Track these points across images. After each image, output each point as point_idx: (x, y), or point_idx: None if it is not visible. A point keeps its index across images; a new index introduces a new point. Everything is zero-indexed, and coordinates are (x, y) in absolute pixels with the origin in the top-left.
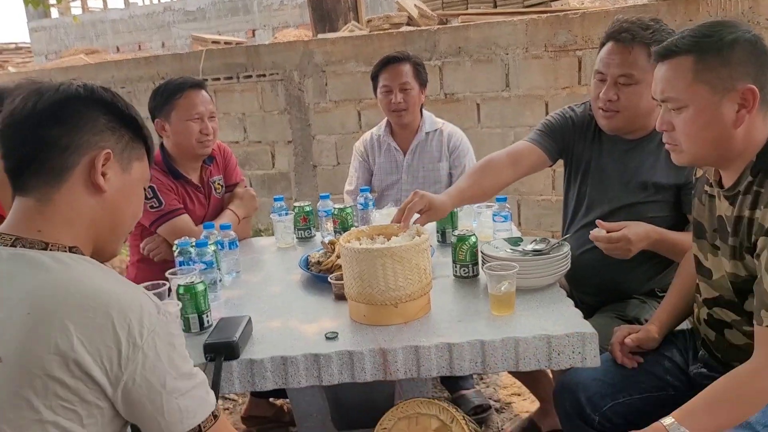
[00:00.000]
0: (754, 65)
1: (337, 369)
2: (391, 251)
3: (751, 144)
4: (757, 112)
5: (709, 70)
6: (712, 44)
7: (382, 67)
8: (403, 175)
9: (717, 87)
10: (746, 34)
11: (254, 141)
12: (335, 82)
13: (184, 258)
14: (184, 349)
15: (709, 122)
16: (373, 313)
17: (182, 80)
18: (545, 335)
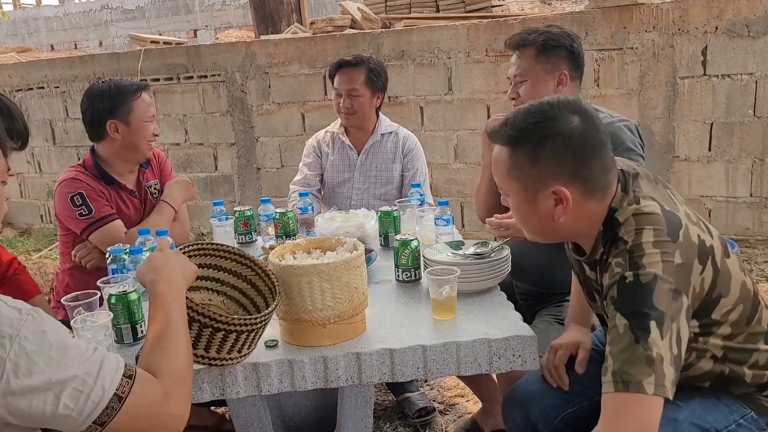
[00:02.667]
0: (569, 162)
1: (277, 378)
2: (317, 268)
3: (588, 224)
4: (582, 203)
5: (518, 168)
6: (524, 140)
7: (336, 69)
8: (356, 173)
9: (527, 185)
10: (566, 126)
11: (196, 143)
12: (278, 84)
13: (118, 266)
14: (63, 337)
15: (528, 214)
16: (300, 333)
17: (132, 82)
18: (486, 339)
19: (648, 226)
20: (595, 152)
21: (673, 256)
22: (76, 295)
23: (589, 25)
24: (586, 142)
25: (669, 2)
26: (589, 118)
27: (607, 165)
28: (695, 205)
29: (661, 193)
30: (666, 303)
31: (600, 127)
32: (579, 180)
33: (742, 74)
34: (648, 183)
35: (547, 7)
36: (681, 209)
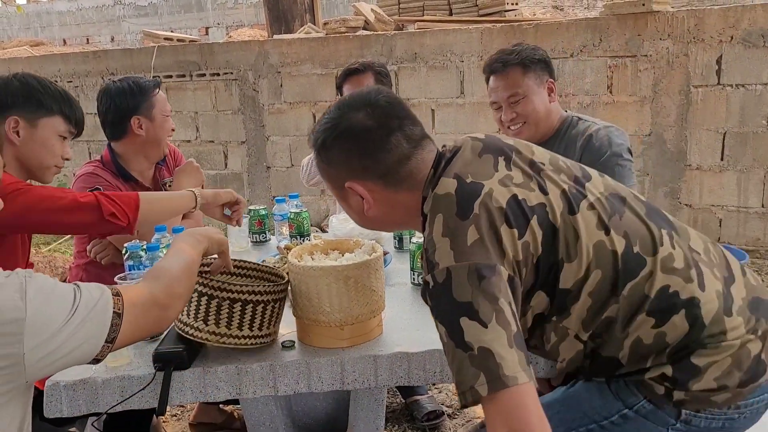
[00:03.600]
0: (356, 158)
1: (294, 379)
2: (337, 270)
3: (407, 214)
4: (392, 194)
5: (322, 170)
6: (319, 145)
7: (345, 78)
8: None
9: (333, 183)
10: (349, 124)
11: (207, 140)
12: (290, 84)
13: (134, 262)
14: (60, 289)
15: (347, 209)
16: (317, 334)
17: (149, 79)
18: None
19: (438, 213)
20: (382, 145)
21: (466, 235)
22: None
23: (604, 31)
24: (370, 137)
25: (684, 10)
26: (375, 109)
27: (402, 154)
28: (706, 214)
29: (479, 164)
30: (470, 289)
31: (388, 117)
32: (375, 174)
33: (756, 84)
34: (468, 156)
35: (559, 13)
36: (500, 174)
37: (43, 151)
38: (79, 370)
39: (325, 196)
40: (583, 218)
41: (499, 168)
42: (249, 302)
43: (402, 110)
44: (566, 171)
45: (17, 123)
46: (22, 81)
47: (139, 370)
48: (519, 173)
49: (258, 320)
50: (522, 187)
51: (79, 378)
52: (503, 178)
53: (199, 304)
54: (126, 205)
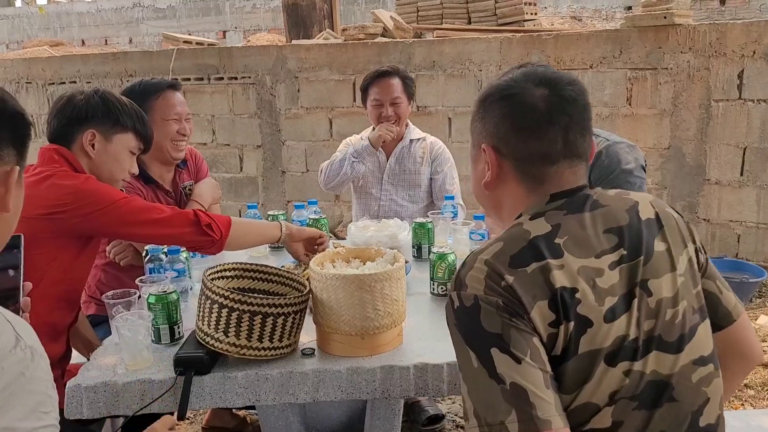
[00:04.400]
0: (506, 127)
1: (313, 387)
2: (359, 279)
3: (506, 212)
4: (513, 182)
5: (472, 123)
6: (482, 100)
7: (373, 80)
8: (385, 176)
9: (473, 139)
10: (523, 93)
11: (223, 144)
12: (308, 89)
13: (155, 265)
14: (39, 400)
15: (472, 173)
16: (338, 342)
17: (158, 80)
18: None
19: (502, 241)
20: (538, 131)
21: (504, 280)
22: (116, 293)
23: (624, 43)
24: (531, 116)
25: (707, 24)
26: (554, 96)
27: (550, 153)
28: (724, 230)
29: (590, 237)
30: (500, 320)
31: (562, 110)
32: (513, 152)
33: None
34: (589, 220)
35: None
36: (593, 263)
37: (114, 165)
38: (100, 372)
39: (339, 202)
40: (606, 377)
41: (603, 258)
42: (269, 315)
43: (581, 115)
44: (663, 326)
45: (94, 136)
46: (102, 97)
47: (160, 374)
48: (616, 278)
49: (278, 332)
50: (596, 292)
51: (101, 380)
52: (590, 267)
53: (220, 316)
54: (220, 222)
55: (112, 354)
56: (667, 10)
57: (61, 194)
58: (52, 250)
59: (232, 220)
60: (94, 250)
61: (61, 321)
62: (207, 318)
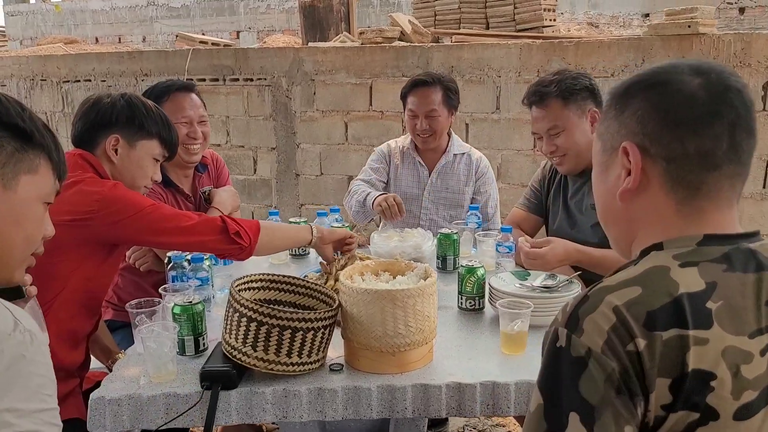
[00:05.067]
0: (655, 122)
1: (342, 404)
2: (392, 294)
3: (648, 224)
4: (659, 191)
5: (603, 122)
6: (620, 90)
7: (411, 89)
8: (426, 192)
9: (606, 143)
10: (675, 80)
11: (237, 145)
12: (324, 92)
13: (178, 273)
14: (40, 382)
15: (597, 184)
16: (368, 358)
17: (169, 82)
18: None
19: (640, 287)
20: (699, 124)
21: (621, 340)
22: (139, 302)
23: (647, 51)
24: (692, 106)
25: (731, 34)
26: (716, 85)
27: (714, 153)
28: None
29: (749, 308)
30: (604, 393)
31: (728, 102)
32: (664, 151)
33: None
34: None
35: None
36: (750, 340)
37: (137, 171)
38: (124, 384)
39: None
40: None
41: (757, 339)
42: (299, 329)
43: (748, 113)
44: None
45: (117, 141)
46: (128, 102)
47: (185, 387)
48: (764, 367)
49: (308, 347)
50: (735, 382)
51: (124, 393)
52: (738, 349)
53: (248, 330)
54: (248, 228)
55: (135, 365)
56: (692, 19)
57: (88, 201)
58: (76, 258)
59: (261, 226)
60: (119, 257)
61: (81, 328)
62: (235, 331)
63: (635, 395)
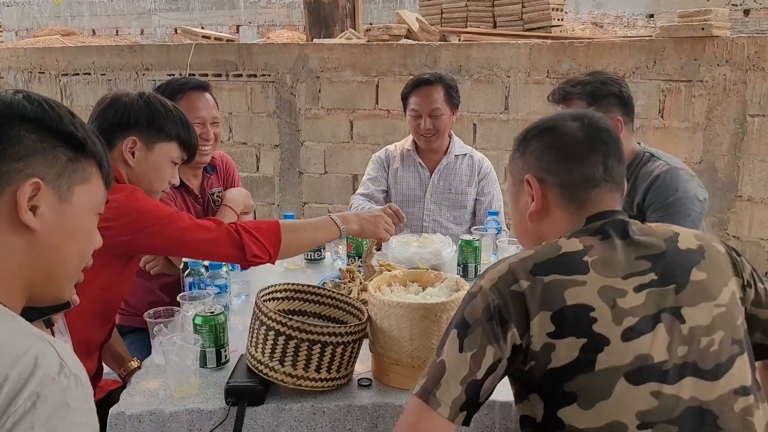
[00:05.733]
0: (549, 157)
1: (371, 422)
2: (426, 308)
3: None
4: (558, 210)
5: (512, 162)
6: (521, 139)
7: (413, 88)
8: (428, 194)
9: (514, 177)
10: (560, 125)
11: (239, 142)
12: (329, 89)
13: (194, 279)
14: (84, 428)
15: (514, 212)
16: (398, 373)
17: (185, 80)
18: None
19: (532, 259)
20: (580, 157)
21: (514, 285)
22: (157, 311)
23: (658, 53)
24: (573, 144)
25: (745, 37)
26: (591, 127)
27: (593, 177)
28: (754, 248)
29: (622, 260)
30: (479, 316)
31: (600, 139)
32: (558, 179)
33: None
34: (622, 245)
35: (598, 30)
36: (617, 283)
37: (155, 176)
38: (144, 399)
39: None
40: (629, 396)
41: (630, 279)
42: (329, 344)
43: (616, 145)
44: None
45: (134, 144)
46: (147, 103)
47: (208, 403)
48: (640, 300)
49: (337, 362)
50: (614, 312)
51: (146, 409)
52: (613, 287)
53: (276, 344)
54: (267, 241)
55: (154, 377)
56: (705, 21)
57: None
58: (92, 268)
59: (281, 233)
60: (135, 267)
61: (94, 338)
62: (261, 345)
63: (508, 322)
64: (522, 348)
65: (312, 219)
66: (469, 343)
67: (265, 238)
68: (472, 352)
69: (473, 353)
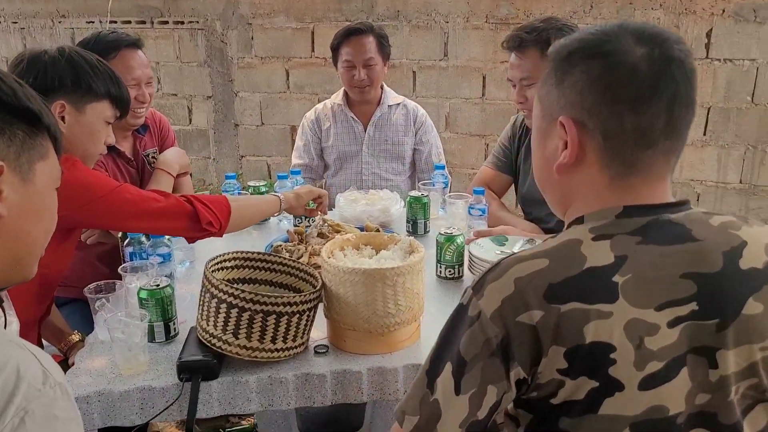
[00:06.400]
0: (594, 96)
1: (331, 389)
2: (382, 273)
3: (582, 197)
4: (595, 167)
5: (544, 87)
6: (561, 54)
7: (344, 38)
8: (364, 147)
9: (545, 110)
10: (619, 51)
11: (169, 93)
12: (262, 37)
13: (135, 249)
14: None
15: (536, 151)
16: (355, 339)
17: (116, 37)
18: None
19: (545, 266)
20: (638, 100)
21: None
22: (99, 285)
23: None
24: (632, 81)
25: None
26: (662, 57)
27: (650, 130)
28: (685, 189)
29: (661, 284)
30: (476, 352)
31: (670, 77)
32: (601, 127)
33: (744, 59)
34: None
35: None
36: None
37: (89, 139)
38: (91, 380)
39: None
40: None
41: (666, 311)
42: (284, 314)
43: (688, 85)
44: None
45: (63, 108)
46: (70, 61)
47: (160, 379)
48: (672, 339)
49: (293, 331)
50: (639, 354)
51: (94, 389)
52: (643, 322)
53: (229, 316)
54: (219, 212)
55: (99, 355)
56: None
57: None
58: None
59: (231, 207)
60: (75, 240)
61: (33, 315)
62: (213, 318)
63: (512, 359)
64: (526, 381)
65: (253, 195)
66: (467, 383)
67: (216, 207)
68: (472, 392)
69: (473, 393)
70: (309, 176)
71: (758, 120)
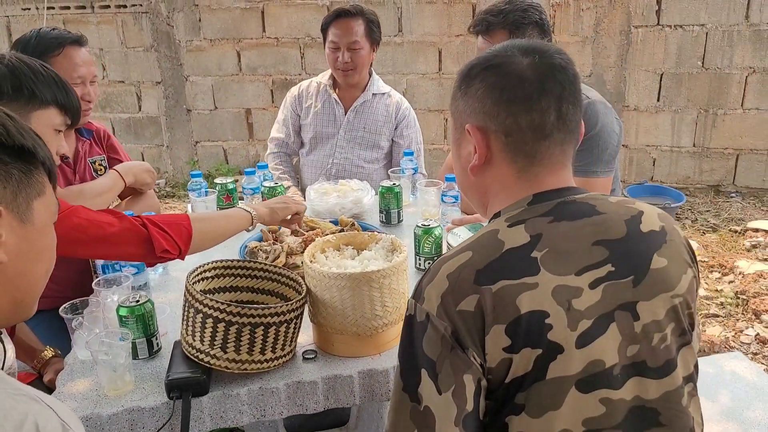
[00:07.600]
0: (492, 100)
1: (323, 395)
2: (367, 276)
3: (495, 192)
4: (504, 164)
5: (453, 100)
6: (463, 74)
7: (333, 20)
8: (341, 131)
9: (456, 121)
10: (508, 62)
11: (116, 80)
12: (210, 18)
13: (107, 261)
14: None
15: (456, 161)
16: (343, 342)
17: (58, 34)
18: None
19: (470, 251)
20: (528, 101)
21: (463, 301)
22: (73, 304)
23: None
24: (520, 85)
25: None
26: (543, 64)
27: (543, 125)
28: (641, 154)
29: (578, 251)
30: (441, 349)
31: (553, 79)
32: (502, 126)
33: (694, 25)
34: (571, 230)
35: None
36: (573, 281)
37: None
38: (77, 404)
39: (254, 141)
40: (578, 404)
41: (585, 275)
42: (271, 325)
43: (572, 87)
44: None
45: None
46: (10, 67)
47: (149, 399)
48: (596, 298)
49: (281, 341)
50: (569, 315)
51: (81, 415)
52: (567, 287)
53: (216, 331)
54: (178, 236)
55: (81, 377)
56: None
57: None
58: None
59: (192, 230)
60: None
61: None
62: (199, 333)
63: (467, 347)
64: (483, 366)
65: (221, 210)
66: (444, 382)
67: (174, 231)
68: (452, 389)
69: (453, 390)
70: (284, 151)
71: (709, 84)
